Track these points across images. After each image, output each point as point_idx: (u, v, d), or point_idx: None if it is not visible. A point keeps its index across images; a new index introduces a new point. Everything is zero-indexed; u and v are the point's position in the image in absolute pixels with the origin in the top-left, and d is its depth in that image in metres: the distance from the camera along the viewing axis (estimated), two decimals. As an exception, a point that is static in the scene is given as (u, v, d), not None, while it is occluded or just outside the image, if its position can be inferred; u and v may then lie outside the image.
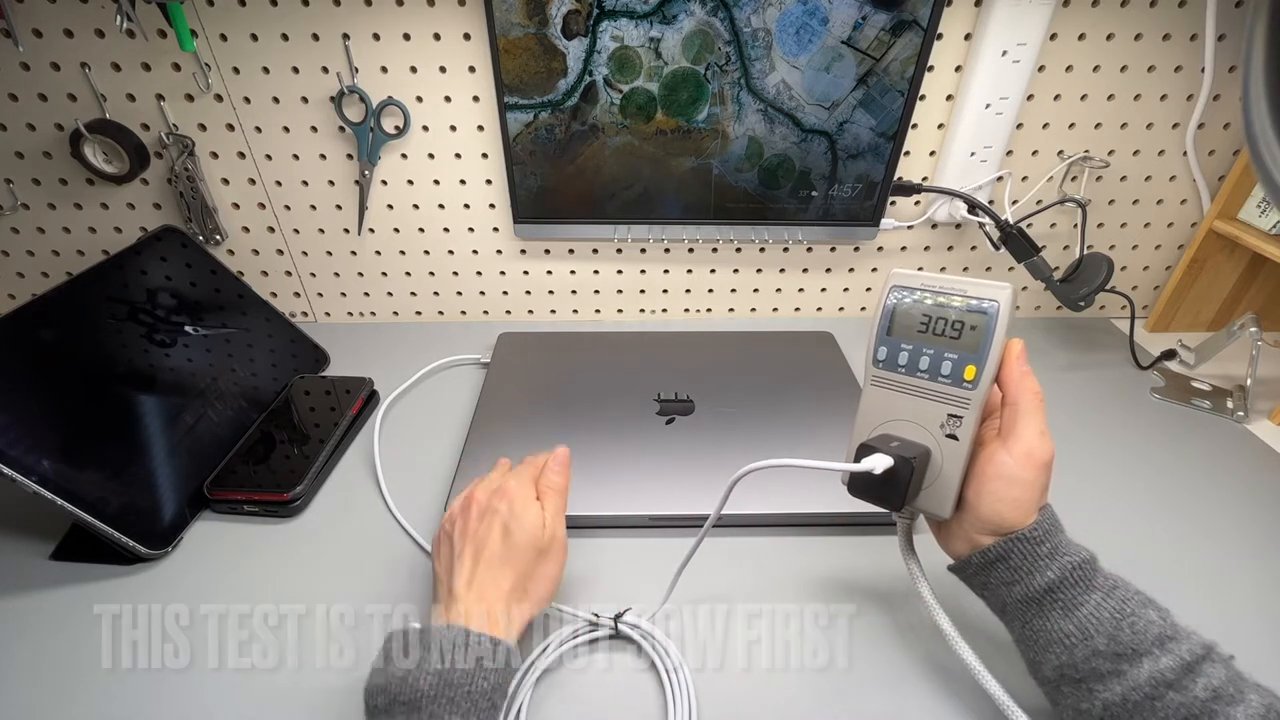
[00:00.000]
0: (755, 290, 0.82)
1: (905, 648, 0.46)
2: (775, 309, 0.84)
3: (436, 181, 0.72)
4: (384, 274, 0.79)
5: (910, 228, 0.76)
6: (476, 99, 0.66)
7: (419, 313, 0.82)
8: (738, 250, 0.78)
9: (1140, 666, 0.33)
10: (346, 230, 0.75)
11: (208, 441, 0.59)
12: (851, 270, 0.81)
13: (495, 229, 0.75)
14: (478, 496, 0.43)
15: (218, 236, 0.74)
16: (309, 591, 0.49)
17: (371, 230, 0.75)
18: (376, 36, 0.63)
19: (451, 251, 0.77)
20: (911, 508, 0.40)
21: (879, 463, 0.36)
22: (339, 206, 0.73)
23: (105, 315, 0.58)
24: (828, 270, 0.81)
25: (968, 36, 0.65)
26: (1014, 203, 0.73)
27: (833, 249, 0.79)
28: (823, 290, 0.82)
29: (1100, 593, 0.35)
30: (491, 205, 0.73)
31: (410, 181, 0.72)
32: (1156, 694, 0.33)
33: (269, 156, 0.70)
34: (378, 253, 0.77)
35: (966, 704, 0.42)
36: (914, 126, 0.69)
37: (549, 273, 0.79)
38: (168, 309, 0.63)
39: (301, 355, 0.72)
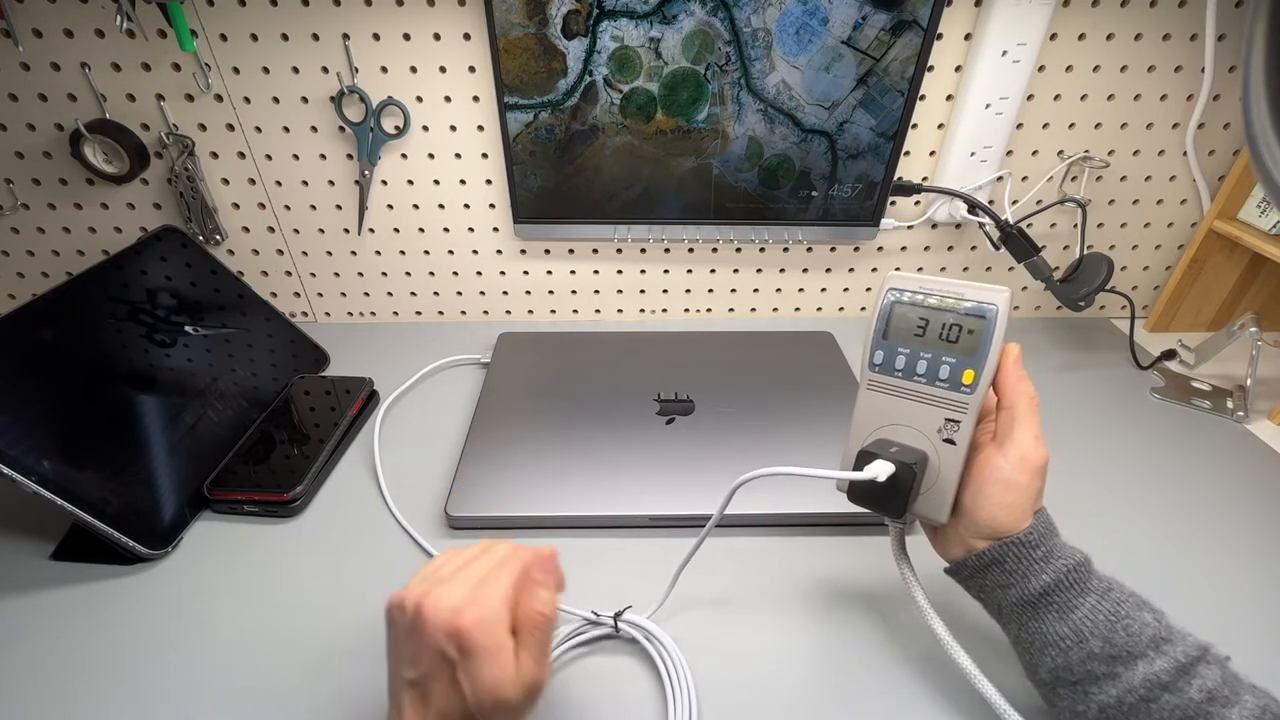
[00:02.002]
0: (755, 290, 0.82)
1: (903, 647, 0.46)
2: (775, 309, 0.84)
3: (436, 181, 0.72)
4: (384, 274, 0.79)
5: (910, 228, 0.76)
6: (476, 99, 0.66)
7: (419, 313, 0.82)
8: (738, 250, 0.78)
9: (1135, 669, 0.33)
10: (346, 230, 0.75)
11: (208, 441, 0.59)
12: (851, 270, 0.81)
13: (495, 229, 0.75)
14: (428, 614, 0.30)
15: (218, 236, 0.74)
16: (309, 591, 0.49)
17: (371, 230, 0.75)
18: (376, 36, 0.63)
19: (451, 251, 0.77)
20: (910, 513, 0.40)
21: (882, 470, 0.36)
22: (339, 206, 0.73)
23: (105, 315, 0.58)
24: (828, 270, 0.81)
25: (968, 36, 0.65)
26: (1014, 203, 0.73)
27: (833, 249, 0.79)
28: (823, 290, 0.82)
29: (1095, 595, 0.35)
30: (491, 205, 0.73)
31: (410, 181, 0.72)
32: (1151, 696, 0.33)
33: (269, 156, 0.70)
34: (378, 253, 0.77)
35: (964, 705, 0.42)
36: (914, 126, 0.69)
37: (549, 273, 0.79)
38: (168, 309, 0.63)
39: (301, 355, 0.72)
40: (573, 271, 0.79)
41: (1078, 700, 0.35)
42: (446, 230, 0.75)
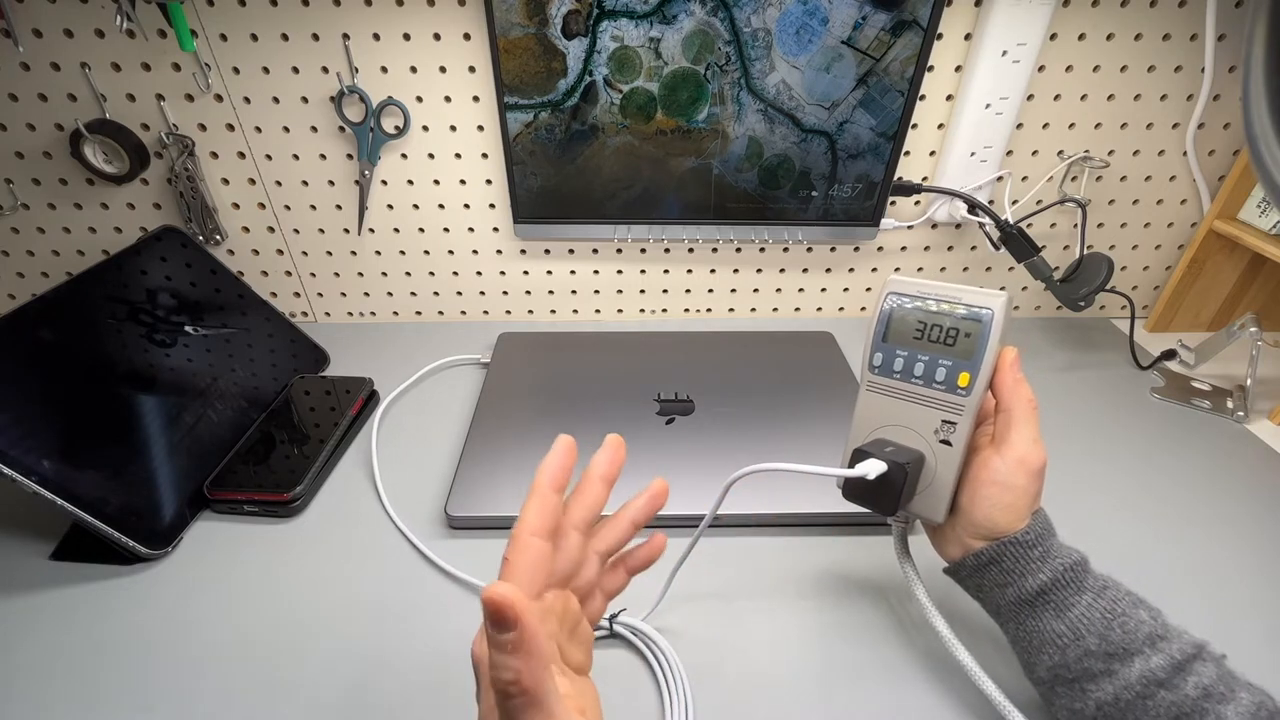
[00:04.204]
0: (755, 290, 0.82)
1: (902, 646, 0.46)
2: (775, 309, 0.84)
3: (436, 181, 0.72)
4: (384, 274, 0.79)
5: (910, 228, 0.76)
6: (476, 99, 0.66)
7: (419, 313, 0.82)
8: (738, 250, 0.78)
9: (1131, 666, 0.33)
10: (346, 230, 0.75)
11: (208, 441, 0.59)
12: (851, 270, 0.81)
13: (495, 229, 0.75)
14: (494, 672, 0.23)
15: (218, 236, 0.74)
16: (308, 591, 0.49)
17: (371, 230, 0.75)
18: (376, 36, 0.63)
19: (451, 251, 0.77)
20: (906, 512, 0.40)
21: (873, 468, 0.37)
22: (339, 206, 0.73)
23: (105, 315, 0.58)
24: (828, 270, 0.81)
25: (968, 36, 0.65)
26: (1014, 203, 0.73)
27: (833, 249, 0.79)
28: (823, 290, 0.82)
29: (1091, 593, 0.36)
30: (491, 205, 0.73)
31: (410, 181, 0.72)
32: (1148, 692, 0.33)
33: (269, 156, 0.70)
34: (378, 253, 0.77)
35: (964, 702, 0.42)
36: (914, 126, 0.69)
37: (549, 273, 0.79)
38: (168, 309, 0.63)
39: (301, 355, 0.72)
40: (573, 271, 0.79)
41: (1075, 698, 0.35)
42: (446, 230, 0.75)
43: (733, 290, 0.82)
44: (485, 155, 0.70)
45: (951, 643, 0.39)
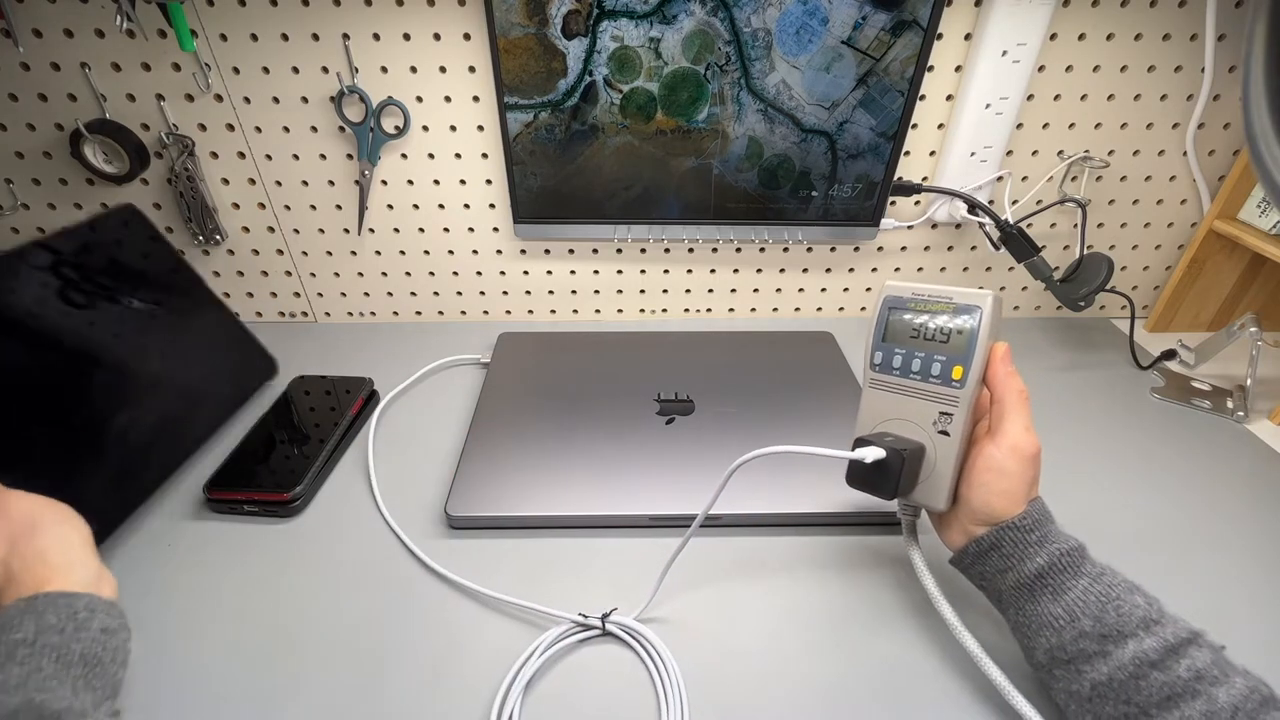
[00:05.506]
0: (755, 290, 0.82)
1: (902, 642, 0.46)
2: (775, 309, 0.84)
3: (436, 181, 0.72)
4: (384, 274, 0.79)
5: (910, 228, 0.76)
6: (476, 99, 0.66)
7: (419, 313, 0.82)
8: (738, 250, 0.78)
9: (1125, 647, 0.34)
10: (346, 230, 0.75)
11: (149, 445, 0.56)
12: (851, 270, 0.81)
13: (495, 229, 0.75)
14: None
15: (218, 236, 0.74)
16: (308, 591, 0.49)
17: (371, 230, 0.75)
18: (376, 36, 0.63)
19: (451, 251, 0.77)
20: (910, 503, 0.43)
21: (870, 453, 0.40)
22: (339, 206, 0.73)
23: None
24: (828, 270, 0.81)
25: (968, 36, 0.65)
26: (1014, 203, 0.73)
27: (833, 249, 0.79)
28: (823, 290, 0.82)
29: (1088, 578, 0.37)
30: (491, 205, 0.74)
31: (410, 181, 0.72)
32: (1140, 673, 0.34)
33: (269, 156, 0.70)
34: (378, 253, 0.77)
35: (972, 693, 0.42)
36: (914, 126, 0.69)
37: (549, 273, 0.79)
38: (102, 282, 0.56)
39: (249, 361, 0.68)
40: (573, 271, 0.79)
41: (1072, 680, 0.36)
42: (446, 230, 0.75)
43: (733, 290, 0.82)
44: (485, 155, 0.70)
45: (958, 630, 0.40)
